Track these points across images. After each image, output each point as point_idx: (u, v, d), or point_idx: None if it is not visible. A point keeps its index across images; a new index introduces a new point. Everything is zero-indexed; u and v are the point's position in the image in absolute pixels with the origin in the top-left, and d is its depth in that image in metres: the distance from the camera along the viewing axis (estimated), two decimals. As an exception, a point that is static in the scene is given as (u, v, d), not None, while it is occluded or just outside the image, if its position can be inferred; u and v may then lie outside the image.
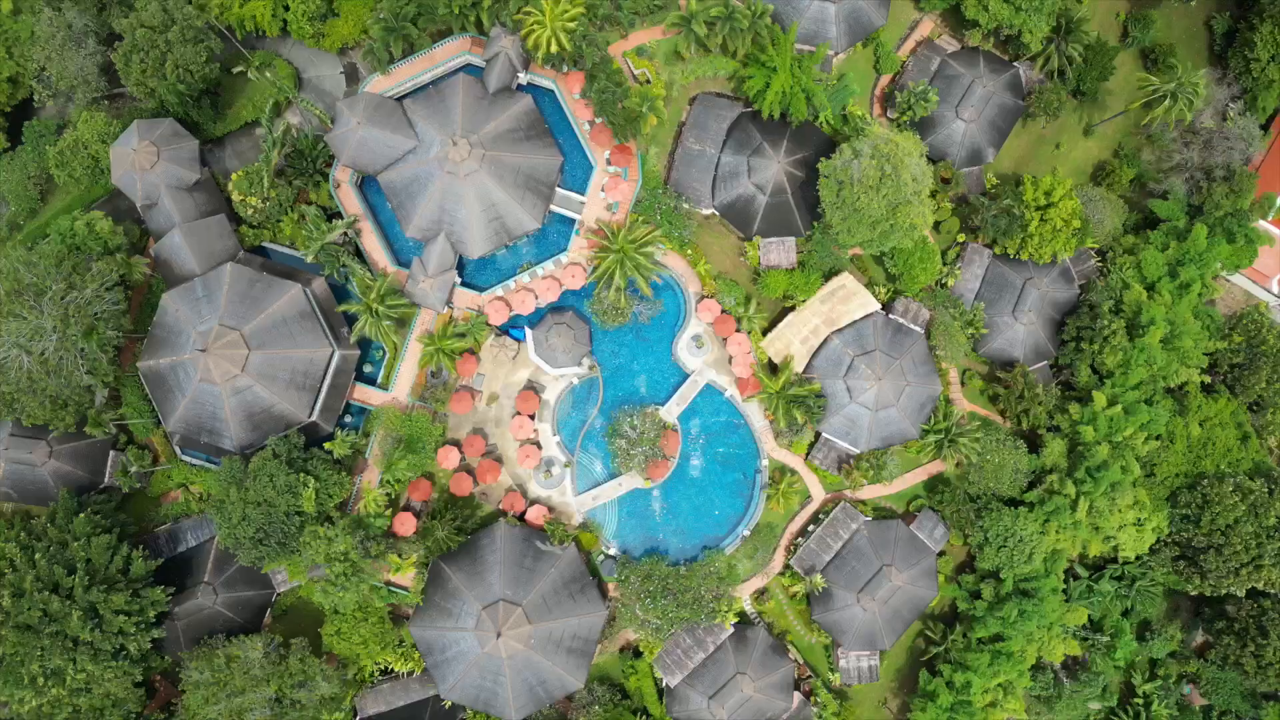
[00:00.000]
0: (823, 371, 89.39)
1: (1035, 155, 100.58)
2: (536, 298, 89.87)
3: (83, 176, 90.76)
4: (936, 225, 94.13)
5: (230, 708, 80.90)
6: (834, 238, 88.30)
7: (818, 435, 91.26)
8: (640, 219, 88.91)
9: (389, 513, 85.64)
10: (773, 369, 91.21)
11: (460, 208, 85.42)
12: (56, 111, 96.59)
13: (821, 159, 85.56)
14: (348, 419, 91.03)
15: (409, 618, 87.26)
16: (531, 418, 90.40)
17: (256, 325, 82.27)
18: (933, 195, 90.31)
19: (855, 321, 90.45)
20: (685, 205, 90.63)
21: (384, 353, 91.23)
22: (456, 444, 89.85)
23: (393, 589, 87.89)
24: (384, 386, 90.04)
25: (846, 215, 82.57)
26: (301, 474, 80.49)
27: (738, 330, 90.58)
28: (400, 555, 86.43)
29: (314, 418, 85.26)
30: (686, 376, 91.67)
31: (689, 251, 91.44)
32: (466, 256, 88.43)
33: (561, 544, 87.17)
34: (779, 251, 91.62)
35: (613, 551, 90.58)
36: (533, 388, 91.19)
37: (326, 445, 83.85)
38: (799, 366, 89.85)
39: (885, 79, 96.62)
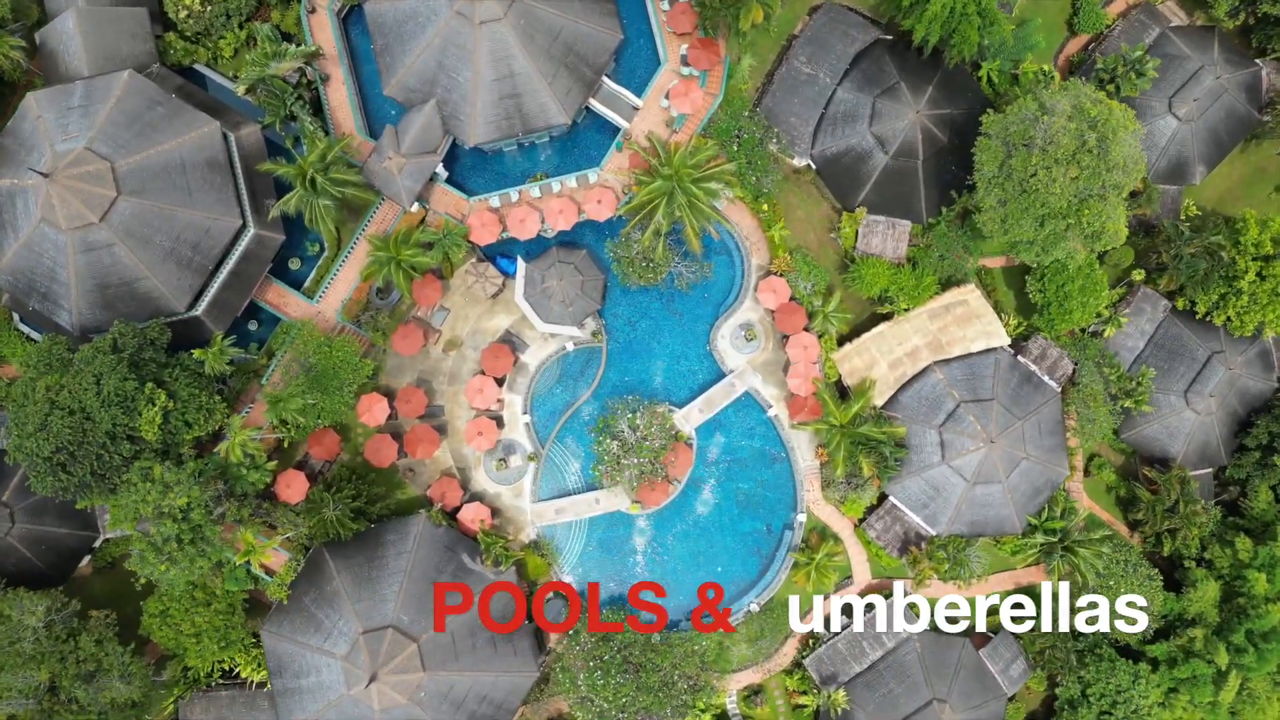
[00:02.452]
0: (911, 412, 63.41)
1: (1246, 193, 73.99)
2: (543, 221, 64.45)
3: (-20, -77, 66.41)
4: (1102, 254, 67.74)
5: (-22, 687, 56.07)
6: (972, 230, 62.47)
7: (883, 498, 65.27)
8: (710, 145, 63.20)
9: (272, 466, 60.43)
10: (842, 392, 65.31)
11: (465, 68, 60.09)
12: None
13: (988, 112, 59.55)
14: (252, 327, 66.04)
15: (271, 610, 62.16)
16: (499, 382, 65.03)
17: (140, 162, 57.40)
18: (1116, 207, 64.06)
19: (971, 355, 64.47)
20: (775, 145, 65.03)
21: (322, 249, 66.12)
22: (389, 395, 64.60)
23: (253, 572, 62.65)
24: (310, 294, 64.93)
25: (1009, 197, 56.56)
26: (150, 384, 55.46)
27: (806, 329, 64.74)
28: (275, 526, 61.39)
29: (198, 312, 60.41)
30: (722, 376, 65.96)
31: (764, 208, 65.71)
32: (461, 142, 63.18)
33: (497, 565, 61.66)
34: (886, 236, 65.73)
35: (566, 590, 65.03)
36: (510, 342, 65.79)
37: (197, 353, 58.64)
38: (879, 398, 63.90)
39: (1076, 42, 70.57)
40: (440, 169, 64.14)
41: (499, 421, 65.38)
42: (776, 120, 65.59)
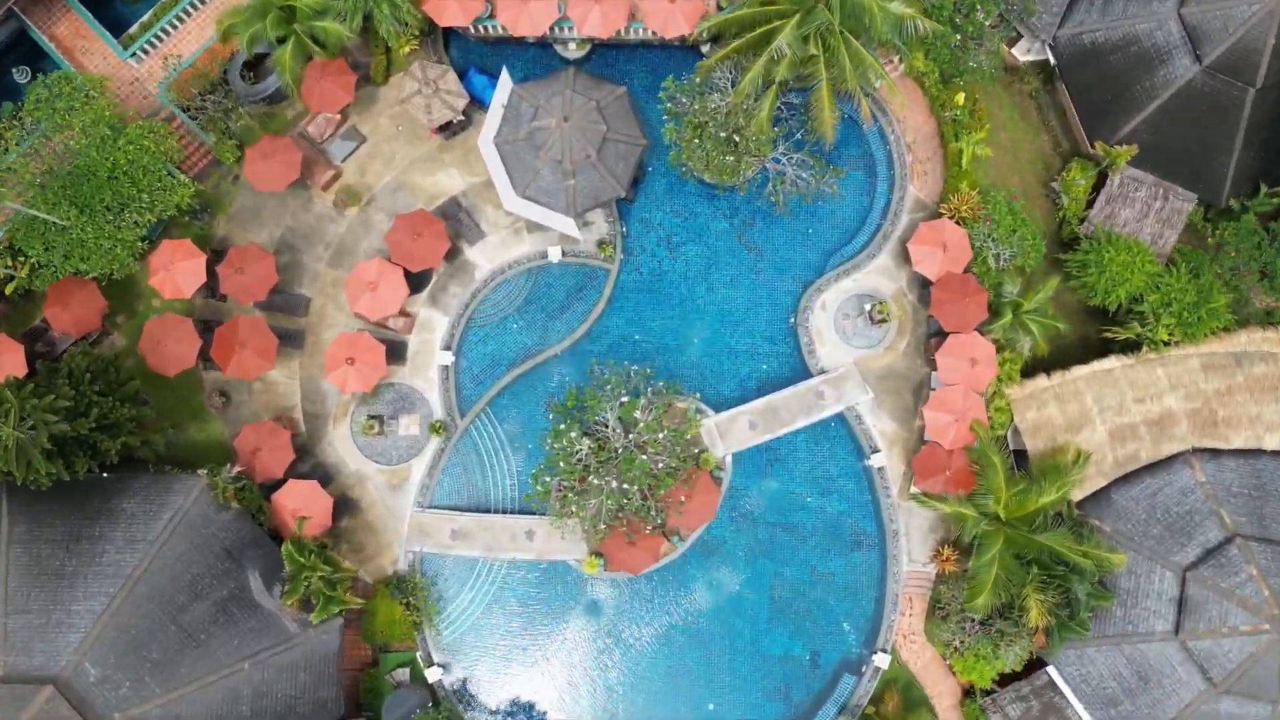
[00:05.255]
0: (1134, 527, 34.16)
1: None
2: (562, 9, 35.16)
3: None
4: None
5: None
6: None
7: (1035, 665, 35.64)
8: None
9: (-41, 320, 32.04)
10: (1016, 460, 35.79)
11: None
12: None
13: None
14: (20, 79, 37.24)
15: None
16: (413, 284, 36.09)
17: None
18: None
19: (1264, 453, 34.99)
20: (996, 7, 35.99)
21: (173, -24, 37.33)
22: (218, 253, 35.84)
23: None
24: (127, 45, 36.15)
25: None
26: None
27: (982, 331, 35.30)
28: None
29: (-116, 1, 31.79)
30: (807, 375, 36.73)
31: (959, 101, 36.64)
32: None
33: (308, 609, 32.49)
34: (1148, 207, 36.99)
35: (435, 676, 35.73)
36: (454, 220, 36.94)
37: None
38: (1080, 488, 34.39)
39: None
40: (410, -116, 35.38)
41: (395, 350, 36.43)
42: (1021, -47, 36.56)
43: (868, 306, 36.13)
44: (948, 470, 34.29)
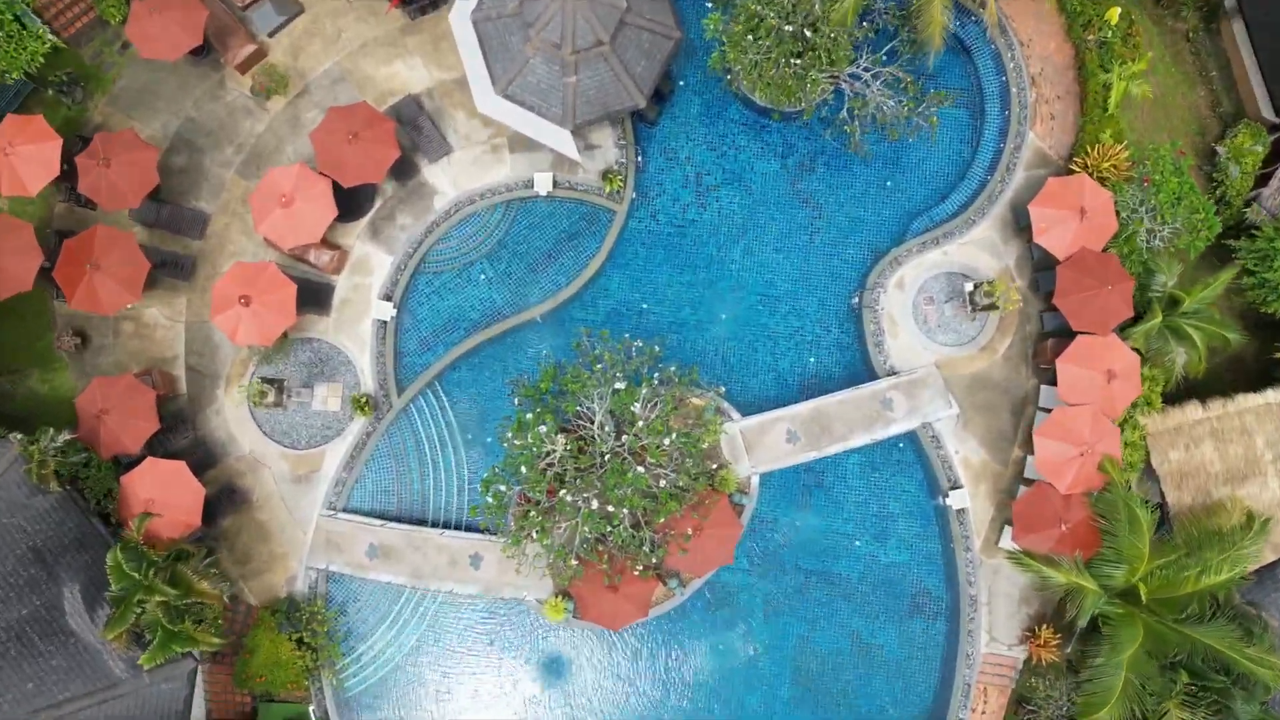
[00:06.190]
0: (1318, 628, 24.28)
1: None
2: None
3: None
4: None
5: None
6: None
7: (1156, 800, 25.91)
8: None
9: None
10: (1160, 514, 25.82)
11: None
12: None
13: None
14: None
15: None
16: (350, 210, 26.47)
17: None
18: None
19: None
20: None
21: None
22: (85, 141, 26.15)
23: None
24: None
25: None
26: None
27: (1121, 335, 25.48)
28: None
29: None
30: (872, 376, 27.02)
31: (1110, 17, 26.94)
32: None
33: (142, 643, 22.79)
34: None
35: (331, 742, 26.16)
36: (412, 123, 27.25)
37: None
38: (1248, 564, 24.49)
39: None
40: None
41: (314, 294, 26.85)
42: None
43: (969, 288, 26.29)
44: (1064, 524, 24.48)
